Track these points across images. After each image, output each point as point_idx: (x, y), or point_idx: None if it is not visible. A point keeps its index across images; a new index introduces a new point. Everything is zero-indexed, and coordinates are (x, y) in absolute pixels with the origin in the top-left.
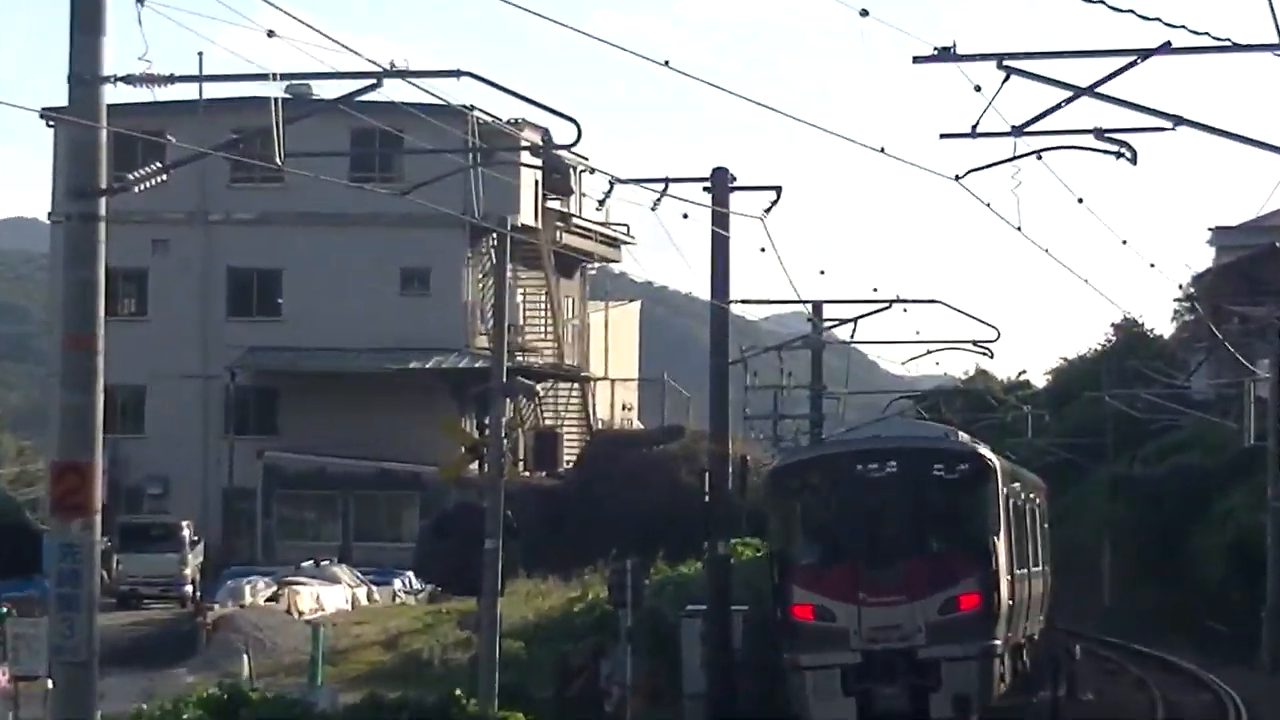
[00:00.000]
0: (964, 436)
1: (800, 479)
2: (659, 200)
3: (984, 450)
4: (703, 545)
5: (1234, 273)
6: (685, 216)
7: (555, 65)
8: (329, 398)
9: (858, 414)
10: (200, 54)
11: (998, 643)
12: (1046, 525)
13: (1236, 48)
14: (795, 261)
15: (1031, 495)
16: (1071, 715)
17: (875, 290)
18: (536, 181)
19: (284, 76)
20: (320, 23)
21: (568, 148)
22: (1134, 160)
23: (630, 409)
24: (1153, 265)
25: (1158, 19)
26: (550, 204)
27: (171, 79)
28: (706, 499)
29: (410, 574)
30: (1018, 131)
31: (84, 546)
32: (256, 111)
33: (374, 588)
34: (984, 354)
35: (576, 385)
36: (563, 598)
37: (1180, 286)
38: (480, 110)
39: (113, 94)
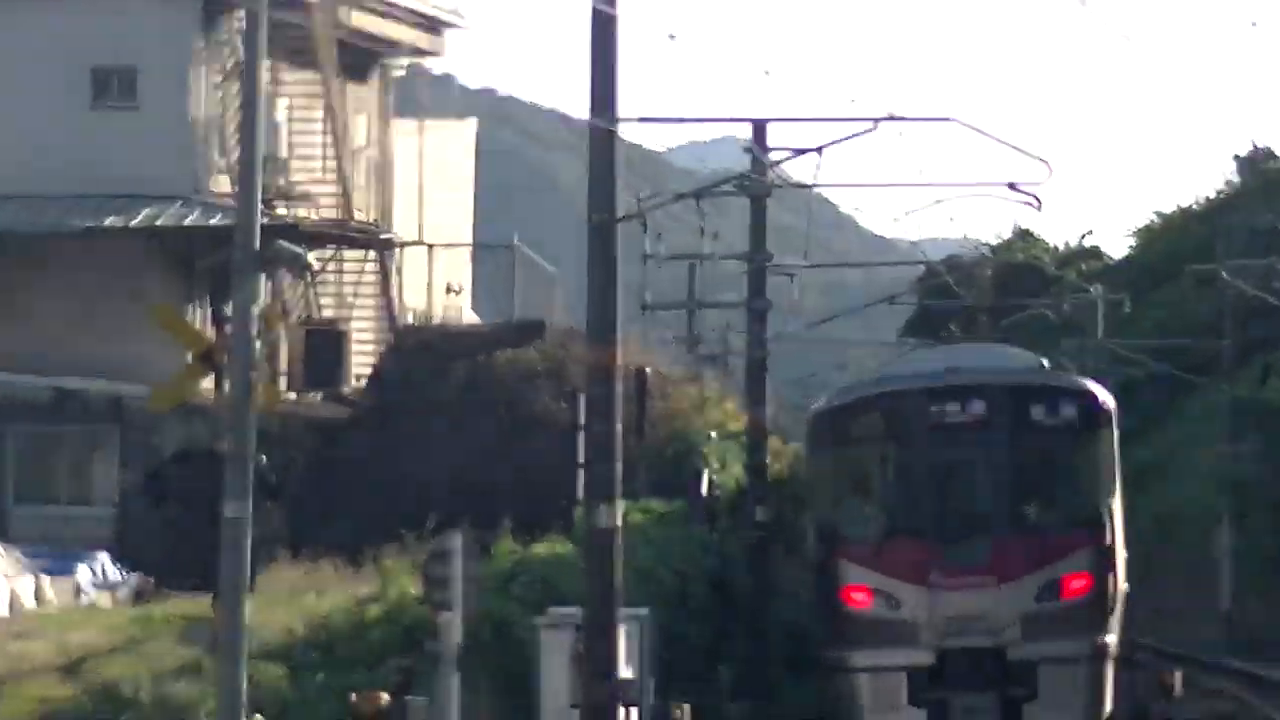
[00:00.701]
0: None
1: (854, 425)
2: None
3: (1095, 387)
4: (573, 511)
5: None
6: None
7: None
8: None
9: (824, 300)
10: None
11: (1112, 639)
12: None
13: None
14: (725, 57)
15: None
16: None
17: (853, 102)
18: None
19: None
20: None
21: None
22: None
23: (459, 291)
24: None
25: None
26: None
27: None
28: (580, 437)
29: (105, 557)
30: None
31: None
32: None
33: (47, 578)
34: (1027, 204)
35: (373, 254)
36: (350, 595)
37: None
38: None
39: None
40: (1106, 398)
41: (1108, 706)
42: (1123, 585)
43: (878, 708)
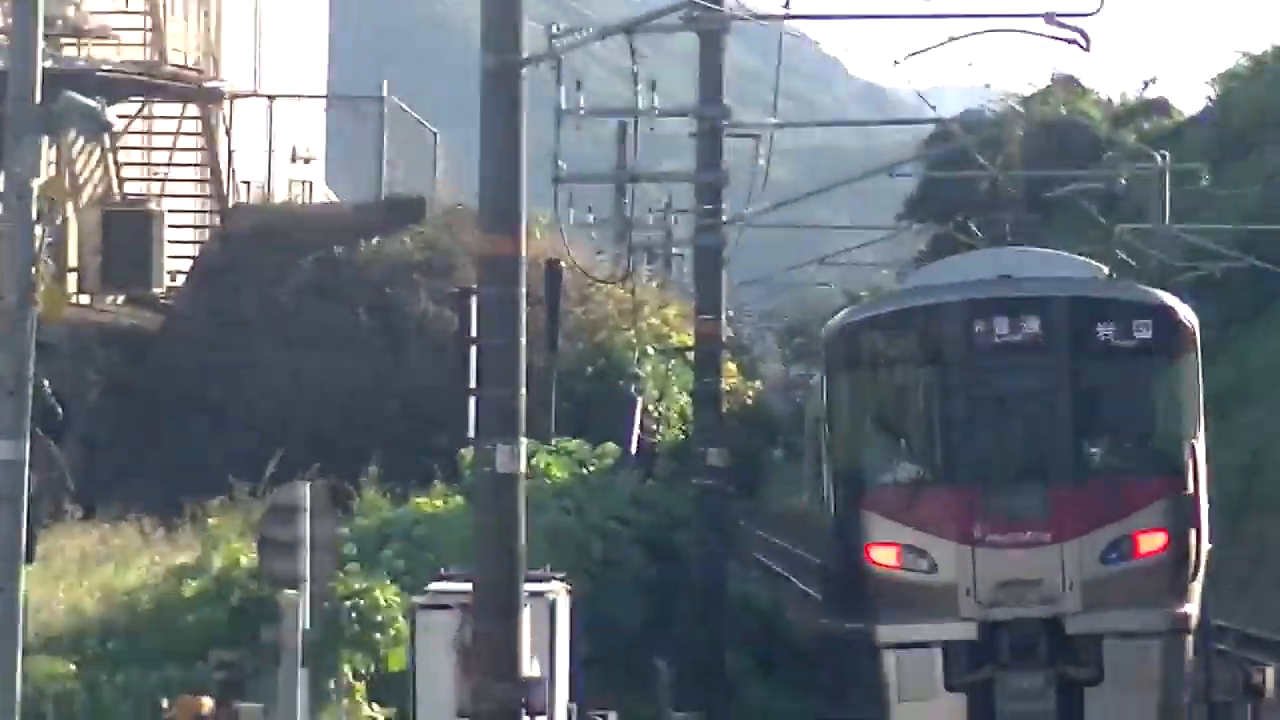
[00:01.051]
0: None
1: (882, 344)
2: None
3: (1174, 302)
4: (461, 452)
5: None
6: None
7: None
8: None
9: (801, 172)
10: None
11: (1193, 610)
12: None
13: None
14: None
15: None
16: None
17: None
18: None
19: None
20: None
21: None
22: None
23: (311, 159)
24: None
25: None
26: None
27: None
28: (472, 353)
29: None
30: None
31: None
32: None
33: None
34: (1071, 41)
35: (195, 109)
36: (162, 565)
37: None
38: None
39: None
40: (1188, 315)
41: (1185, 687)
42: (1206, 544)
43: (908, 692)
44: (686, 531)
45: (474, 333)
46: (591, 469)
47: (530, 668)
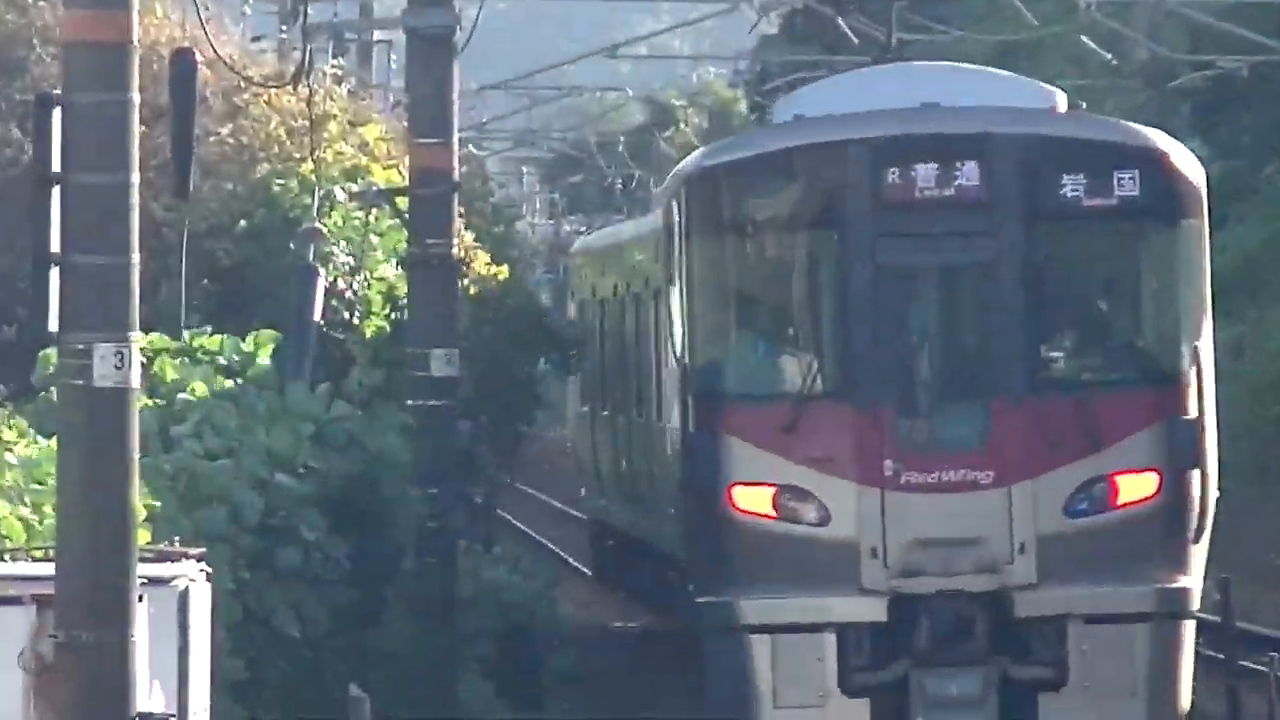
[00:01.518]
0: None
1: (757, 201)
2: None
3: (1171, 145)
4: (36, 356)
5: None
6: None
7: None
8: None
9: None
10: None
11: (1194, 583)
12: None
13: None
14: None
15: None
16: None
17: None
18: None
19: None
20: None
21: None
22: None
23: None
24: None
25: None
26: None
27: None
28: (54, 195)
29: None
30: None
31: None
32: None
33: None
34: None
35: None
36: None
37: None
38: None
39: None
40: (1190, 164)
41: (1185, 697)
42: (1214, 490)
43: (785, 696)
44: (399, 483)
45: (58, 165)
46: (246, 380)
47: (149, 696)
